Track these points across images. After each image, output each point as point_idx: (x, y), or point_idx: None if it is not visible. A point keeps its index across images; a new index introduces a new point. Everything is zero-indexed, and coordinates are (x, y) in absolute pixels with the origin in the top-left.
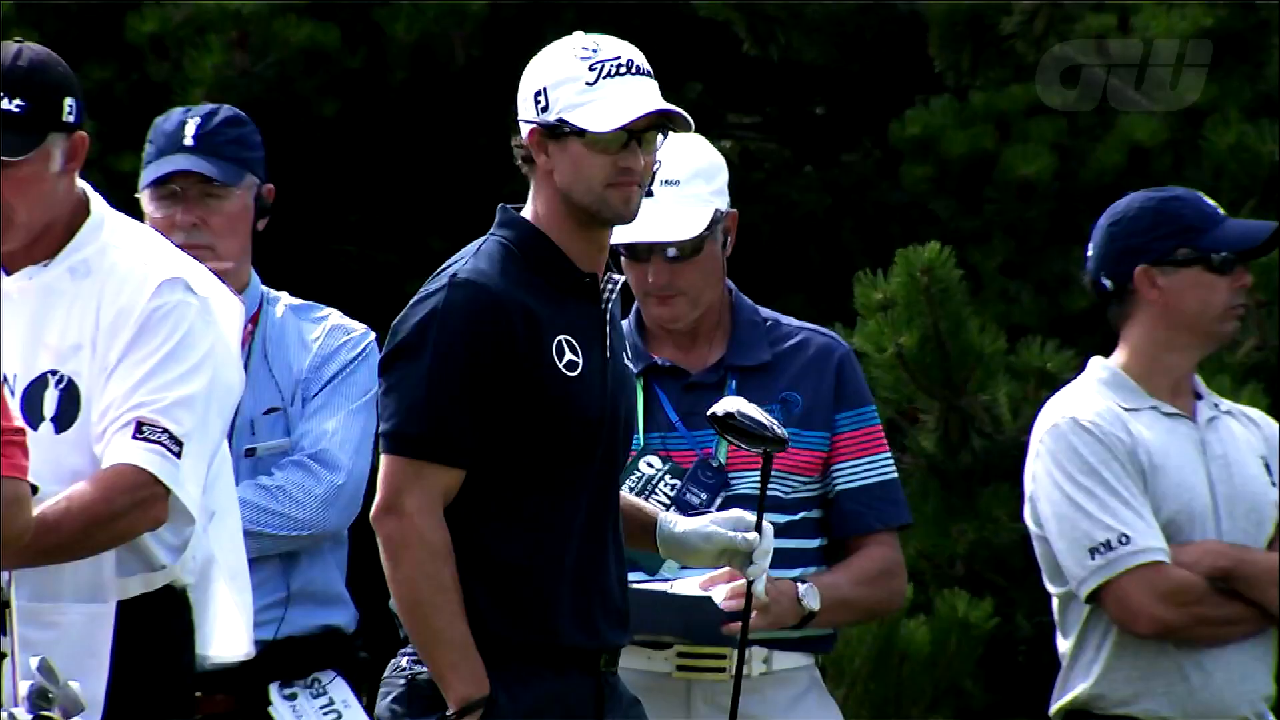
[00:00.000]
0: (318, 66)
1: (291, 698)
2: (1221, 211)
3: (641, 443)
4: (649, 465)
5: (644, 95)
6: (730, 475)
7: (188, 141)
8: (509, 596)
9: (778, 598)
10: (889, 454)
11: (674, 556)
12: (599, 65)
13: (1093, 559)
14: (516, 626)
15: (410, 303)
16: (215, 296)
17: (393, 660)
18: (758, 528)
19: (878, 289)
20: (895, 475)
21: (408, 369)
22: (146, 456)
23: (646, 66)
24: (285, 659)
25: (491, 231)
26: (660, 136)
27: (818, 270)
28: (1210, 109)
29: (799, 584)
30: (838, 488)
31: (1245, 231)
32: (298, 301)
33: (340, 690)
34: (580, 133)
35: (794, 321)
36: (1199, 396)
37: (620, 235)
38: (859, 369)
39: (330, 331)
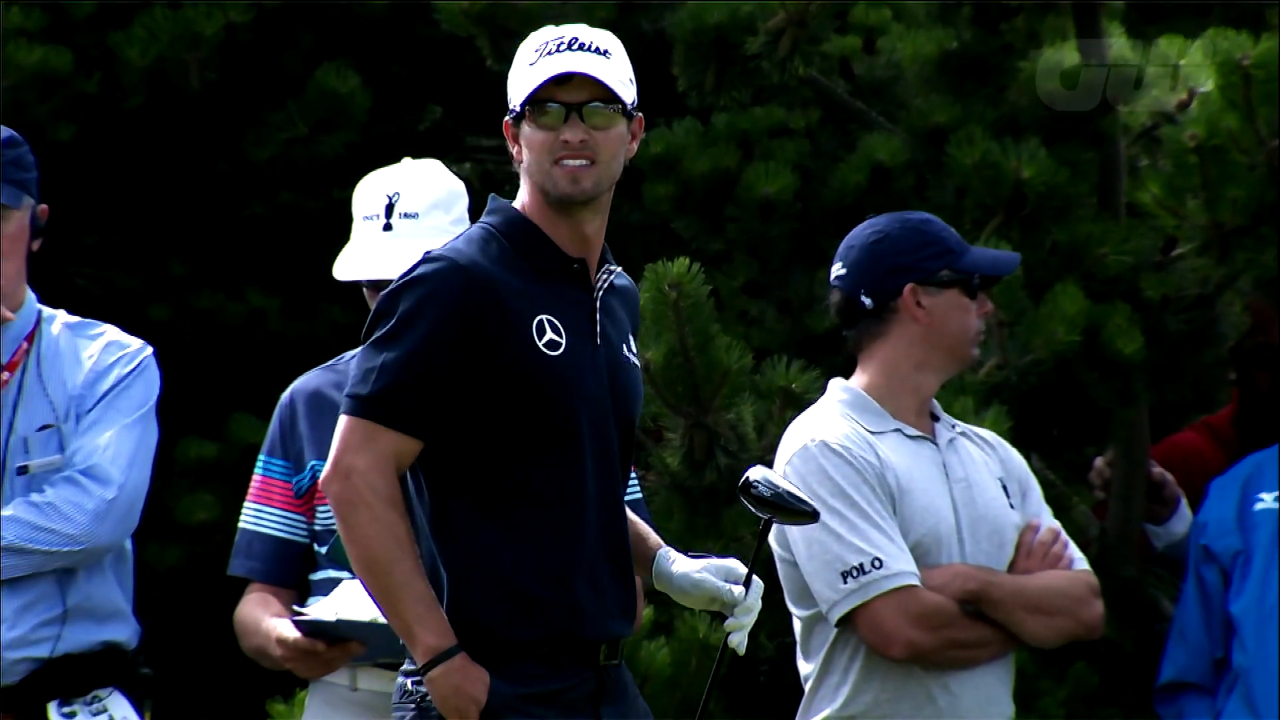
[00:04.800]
0: (52, 91)
1: (71, 715)
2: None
3: None
4: None
5: (565, 65)
6: None
7: None
8: (502, 589)
9: None
10: (633, 473)
11: (667, 592)
12: (542, 46)
13: (845, 583)
14: (510, 620)
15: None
16: None
17: (397, 682)
18: (747, 583)
19: None
20: (639, 495)
21: (373, 337)
22: None
23: (602, 45)
24: (63, 676)
25: (480, 219)
26: (610, 109)
27: None
28: (954, 128)
29: None
30: None
31: (995, 258)
32: (75, 319)
33: (121, 707)
34: (523, 114)
35: None
36: (936, 418)
37: (358, 273)
38: None
39: (106, 347)
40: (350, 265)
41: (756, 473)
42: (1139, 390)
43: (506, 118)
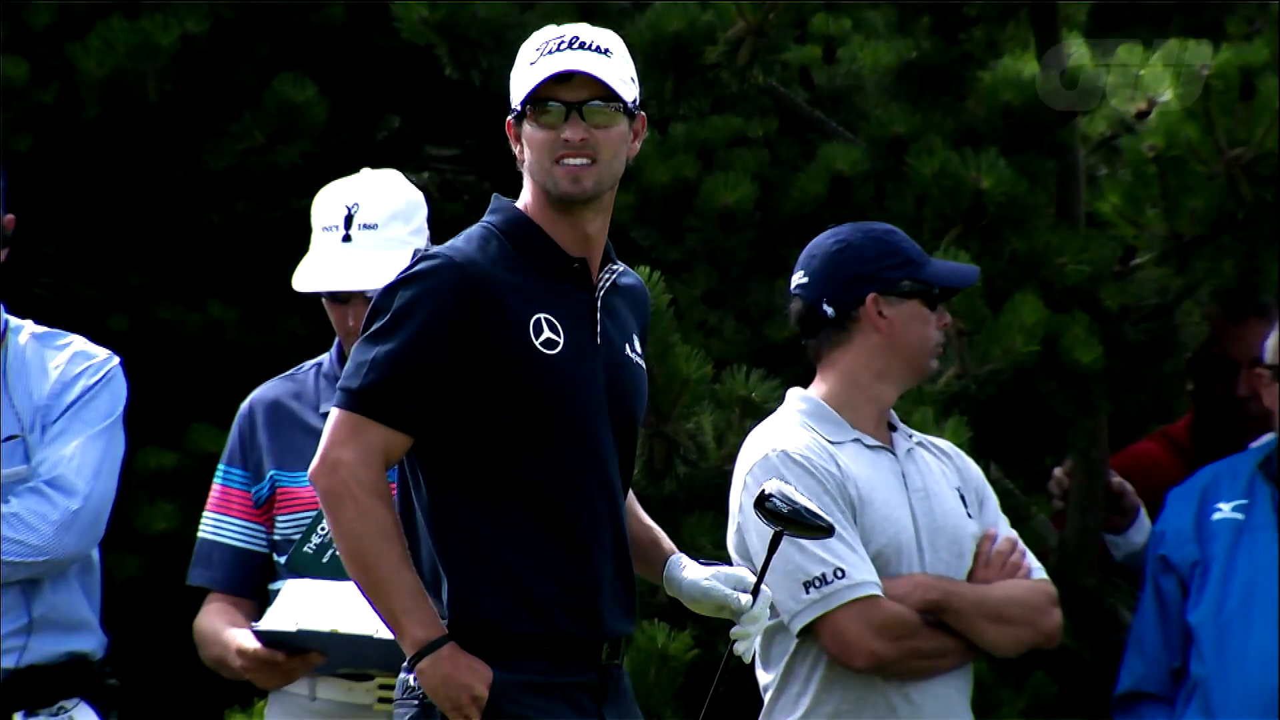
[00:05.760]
0: (10, 101)
1: None
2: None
3: None
4: None
5: (566, 63)
6: None
7: None
8: (503, 586)
9: None
10: None
11: (677, 598)
12: (543, 45)
13: (807, 593)
14: (512, 616)
15: None
16: None
17: (400, 678)
18: (755, 592)
19: None
20: None
21: (368, 332)
22: None
23: (603, 44)
24: (29, 688)
25: (483, 218)
26: (611, 108)
27: None
28: (913, 137)
29: None
30: None
31: (956, 270)
32: (42, 329)
33: (87, 718)
34: (524, 113)
35: None
36: (894, 428)
37: (317, 284)
38: None
39: (72, 358)
40: (309, 276)
41: (772, 485)
42: (1098, 400)
43: (509, 117)
